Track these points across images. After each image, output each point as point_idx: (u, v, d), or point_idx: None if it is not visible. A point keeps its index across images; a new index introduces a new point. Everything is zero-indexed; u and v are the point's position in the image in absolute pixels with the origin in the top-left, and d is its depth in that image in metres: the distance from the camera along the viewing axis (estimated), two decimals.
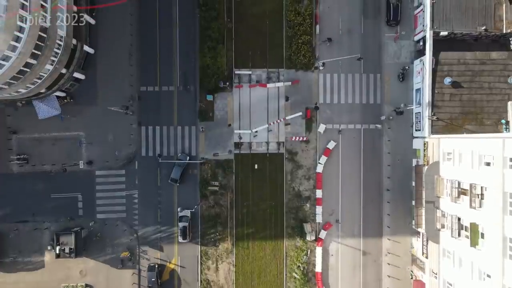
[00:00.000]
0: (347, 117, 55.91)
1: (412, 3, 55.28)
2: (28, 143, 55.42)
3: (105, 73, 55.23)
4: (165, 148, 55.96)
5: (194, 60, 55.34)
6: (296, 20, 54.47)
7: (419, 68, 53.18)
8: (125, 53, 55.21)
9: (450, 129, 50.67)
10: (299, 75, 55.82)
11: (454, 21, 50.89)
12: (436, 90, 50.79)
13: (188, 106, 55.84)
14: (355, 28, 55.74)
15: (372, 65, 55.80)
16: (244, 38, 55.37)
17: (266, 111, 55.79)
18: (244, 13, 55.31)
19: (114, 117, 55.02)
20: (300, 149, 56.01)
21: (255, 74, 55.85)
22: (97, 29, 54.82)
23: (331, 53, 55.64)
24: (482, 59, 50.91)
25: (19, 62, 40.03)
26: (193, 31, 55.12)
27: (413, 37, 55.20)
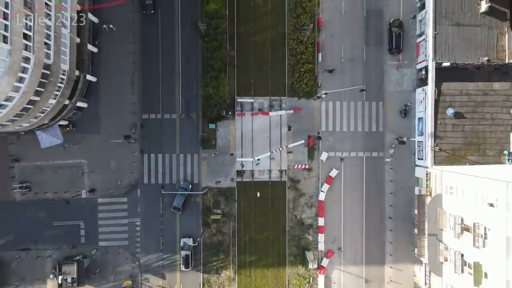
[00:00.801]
0: (349, 145, 55.93)
1: (414, 31, 55.33)
2: (30, 171, 55.43)
3: (108, 101, 55.28)
4: (167, 176, 55.95)
5: (196, 88, 55.39)
6: (298, 49, 54.51)
7: (421, 97, 53.20)
8: (127, 81, 55.26)
9: (452, 159, 50.69)
10: (301, 103, 55.83)
11: (457, 52, 50.92)
12: (438, 120, 50.81)
13: (190, 134, 55.84)
14: (358, 56, 55.78)
15: (374, 93, 55.82)
16: (246, 66, 55.46)
17: (269, 139, 55.79)
18: (246, 42, 55.38)
19: (116, 145, 55.05)
20: (303, 177, 56.01)
21: (257, 102, 55.88)
22: (99, 57, 54.88)
23: (333, 81, 55.67)
24: (484, 90, 50.94)
25: (22, 101, 40.05)
26: (195, 60, 55.16)
27: (415, 65, 55.23)
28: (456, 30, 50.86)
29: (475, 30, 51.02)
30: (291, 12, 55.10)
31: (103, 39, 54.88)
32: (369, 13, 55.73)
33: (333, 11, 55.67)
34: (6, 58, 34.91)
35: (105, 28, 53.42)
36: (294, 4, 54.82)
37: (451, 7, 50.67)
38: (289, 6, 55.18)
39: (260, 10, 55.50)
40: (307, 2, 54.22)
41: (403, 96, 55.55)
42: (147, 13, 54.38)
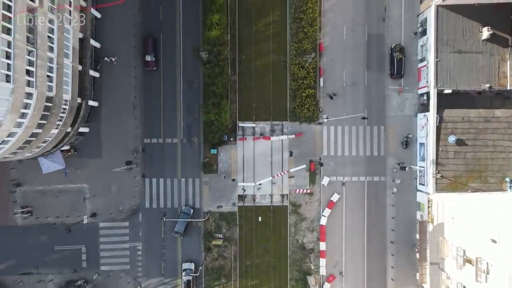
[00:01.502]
0: (350, 170, 55.92)
1: (416, 56, 55.36)
2: (32, 196, 55.47)
3: (109, 126, 55.31)
4: (169, 200, 55.98)
5: (197, 113, 55.45)
6: (300, 74, 54.55)
7: (423, 123, 53.23)
8: (129, 105, 55.30)
9: (454, 186, 50.69)
10: (303, 128, 55.86)
11: (458, 79, 50.97)
12: (440, 147, 50.82)
13: (192, 158, 55.87)
14: (359, 81, 55.81)
15: (375, 118, 55.84)
16: (248, 91, 55.55)
17: (270, 163, 55.81)
18: (248, 66, 55.48)
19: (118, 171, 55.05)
20: (304, 201, 56.02)
21: (258, 127, 55.92)
22: (101, 82, 54.95)
23: (334, 106, 55.71)
24: (486, 117, 50.98)
25: (24, 135, 40.08)
26: (196, 85, 55.27)
27: (417, 90, 55.27)
28: (458, 57, 50.89)
29: (477, 57, 51.07)
30: (292, 37, 55.17)
31: (105, 65, 55.04)
32: (371, 37, 55.79)
33: (335, 36, 55.75)
34: (9, 97, 34.94)
35: (107, 60, 53.69)
36: (296, 29, 54.88)
37: (452, 35, 50.71)
38: (291, 31, 55.25)
39: (262, 35, 55.59)
40: (308, 28, 54.26)
41: (405, 121, 55.59)
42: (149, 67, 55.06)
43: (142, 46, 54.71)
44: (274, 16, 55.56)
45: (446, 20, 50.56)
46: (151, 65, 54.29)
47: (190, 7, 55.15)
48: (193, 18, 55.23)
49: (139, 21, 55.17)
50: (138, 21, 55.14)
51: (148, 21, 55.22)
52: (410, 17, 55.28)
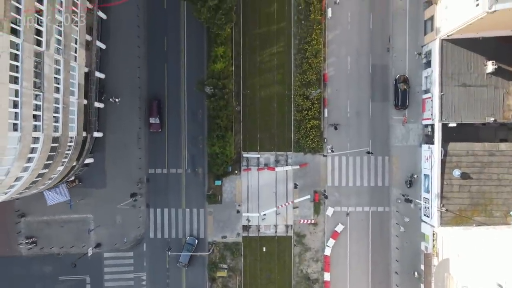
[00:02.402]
0: (355, 200, 55.94)
1: (420, 86, 55.41)
2: (36, 226, 55.58)
3: (114, 156, 55.43)
4: (173, 230, 56.03)
5: (202, 144, 55.54)
6: (304, 105, 54.60)
7: (427, 154, 53.23)
8: (134, 136, 55.39)
9: (459, 220, 50.66)
10: (307, 158, 55.89)
11: (463, 113, 50.97)
12: (445, 181, 50.81)
13: (196, 188, 55.93)
14: (363, 111, 55.85)
15: (380, 148, 55.86)
16: (252, 121, 55.64)
17: (275, 194, 55.84)
18: (252, 97, 55.57)
19: (123, 199, 55.03)
20: (308, 231, 56.04)
21: (263, 157, 55.97)
22: (105, 112, 55.03)
23: (339, 136, 55.75)
24: (491, 151, 50.97)
25: (31, 177, 40.14)
26: (201, 116, 55.38)
27: (421, 121, 55.29)
28: (463, 90, 50.93)
29: (481, 90, 51.08)
30: (297, 68, 55.25)
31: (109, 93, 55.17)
32: (375, 67, 55.85)
33: (339, 66, 55.81)
34: (16, 145, 35.00)
35: (111, 101, 53.91)
36: (300, 60, 54.96)
37: (457, 68, 50.75)
38: (295, 62, 55.34)
39: (266, 65, 55.69)
40: (313, 58, 54.33)
41: (409, 151, 55.58)
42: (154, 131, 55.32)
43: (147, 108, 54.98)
44: (279, 47, 55.67)
45: (450, 54, 50.61)
46: (155, 127, 54.55)
47: (194, 38, 55.30)
48: (198, 49, 55.40)
49: (144, 52, 55.34)
50: (143, 52, 55.31)
51: (152, 51, 55.34)
52: (415, 48, 55.31)
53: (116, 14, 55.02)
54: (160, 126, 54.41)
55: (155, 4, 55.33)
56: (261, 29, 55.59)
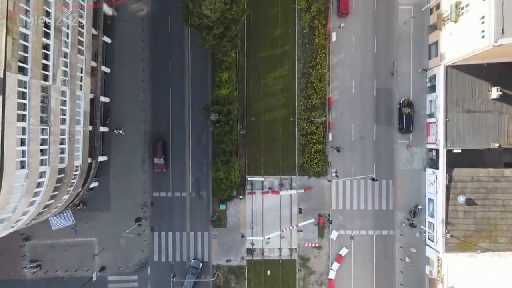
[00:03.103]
0: (359, 223, 55.95)
1: (425, 110, 55.44)
2: (41, 249, 55.60)
3: (118, 179, 55.45)
4: (178, 254, 56.03)
5: (206, 167, 55.59)
6: (309, 129, 54.65)
7: (432, 179, 53.26)
8: (138, 159, 55.42)
9: (464, 246, 50.65)
10: (311, 182, 55.91)
11: (468, 138, 51.01)
12: (450, 207, 50.82)
13: (201, 212, 55.96)
14: (368, 134, 55.90)
15: (384, 171, 55.88)
16: (257, 145, 55.71)
17: (279, 217, 55.86)
18: (257, 121, 55.61)
19: (127, 223, 55.12)
20: (313, 255, 56.05)
21: (267, 181, 56.00)
22: (110, 135, 55.09)
23: (343, 159, 55.81)
24: (495, 177, 50.97)
25: (37, 210, 40.17)
26: (205, 139, 55.47)
27: (425, 144, 55.32)
28: (467, 116, 50.97)
29: (486, 116, 51.13)
30: (301, 92, 55.34)
31: (113, 120, 55.28)
32: (379, 91, 55.91)
33: (343, 90, 55.88)
34: (24, 182, 35.04)
35: (115, 133, 54.15)
36: (305, 84, 55.06)
37: (462, 94, 50.80)
38: (300, 85, 55.42)
39: (271, 89, 55.78)
40: (317, 82, 54.44)
41: (413, 175, 55.60)
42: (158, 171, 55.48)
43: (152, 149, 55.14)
44: (283, 70, 55.76)
45: (455, 80, 50.67)
46: (160, 167, 54.59)
47: (199, 61, 55.37)
48: (202, 72, 55.47)
49: (148, 75, 55.42)
50: (147, 75, 55.40)
51: (156, 74, 55.40)
52: (419, 71, 55.38)
53: (121, 38, 55.16)
54: (165, 167, 54.58)
55: (159, 28, 55.45)
56: (265, 53, 55.70)
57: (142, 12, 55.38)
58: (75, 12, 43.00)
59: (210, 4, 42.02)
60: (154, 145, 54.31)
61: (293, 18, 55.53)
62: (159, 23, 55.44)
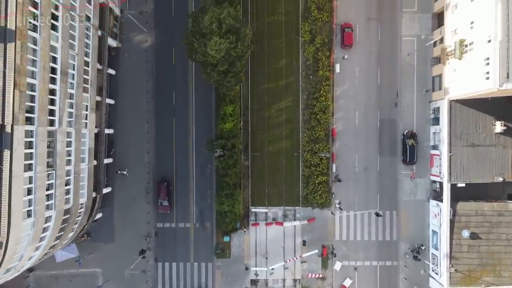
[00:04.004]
0: (363, 254, 55.97)
1: (428, 141, 55.52)
2: (45, 280, 55.65)
3: (122, 210, 55.58)
4: (182, 284, 56.06)
5: (210, 198, 55.68)
6: (313, 161, 54.72)
7: (436, 211, 53.31)
8: (142, 191, 55.53)
9: (468, 281, 50.65)
10: (315, 213, 55.98)
11: (472, 173, 51.05)
12: (454, 241, 50.82)
13: (205, 242, 56.01)
14: (372, 165, 55.96)
15: (388, 202, 55.95)
16: (260, 176, 55.81)
17: (283, 248, 55.89)
18: (261, 152, 55.70)
19: (131, 254, 55.20)
20: (316, 286, 56.08)
21: (271, 212, 56.08)
22: (114, 167, 55.20)
23: (347, 190, 55.90)
24: (499, 211, 51.02)
25: (43, 252, 40.23)
26: (209, 170, 55.62)
27: (429, 175, 55.37)
28: (471, 150, 51.02)
29: (490, 150, 51.19)
30: (305, 123, 55.45)
31: (118, 148, 55.43)
32: (383, 122, 56.02)
33: (347, 121, 56.03)
34: (30, 231, 35.12)
35: (119, 173, 54.29)
36: (309, 116, 55.17)
37: (466, 129, 50.86)
38: (303, 117, 55.54)
39: (274, 120, 55.90)
40: (321, 114, 54.52)
41: (417, 206, 55.68)
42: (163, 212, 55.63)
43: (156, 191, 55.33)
44: (287, 102, 55.90)
45: (459, 114, 50.72)
46: (164, 209, 54.75)
47: (203, 93, 55.51)
48: (206, 103, 55.62)
49: (152, 107, 55.62)
50: (151, 107, 55.59)
51: (160, 106, 55.56)
52: (422, 103, 55.52)
53: (125, 69, 55.38)
54: (169, 208, 54.71)
55: (164, 59, 55.60)
56: (269, 84, 55.86)
57: (146, 43, 55.57)
58: (81, 51, 43.15)
59: (215, 44, 42.14)
60: (158, 187, 54.35)
61: (297, 49, 55.69)
62: (163, 54, 55.62)
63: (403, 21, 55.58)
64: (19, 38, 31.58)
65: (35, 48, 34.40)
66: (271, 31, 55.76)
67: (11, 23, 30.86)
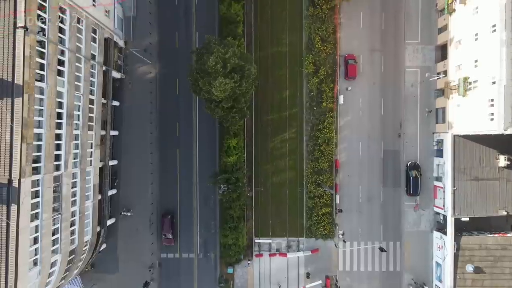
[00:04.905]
0: (366, 285, 55.94)
1: (432, 172, 55.57)
2: None
3: (126, 241, 55.61)
4: None
5: (214, 229, 55.73)
6: (316, 192, 54.77)
7: (439, 244, 53.31)
8: (146, 221, 55.58)
9: None
10: (318, 244, 56.01)
11: (475, 206, 51.08)
12: (458, 275, 50.85)
13: (208, 273, 56.04)
14: (375, 196, 56.01)
15: (391, 233, 55.98)
16: (264, 207, 55.87)
17: (286, 279, 55.90)
18: (264, 183, 55.78)
19: (135, 285, 55.11)
20: None
21: (275, 243, 56.12)
22: (118, 197, 55.29)
23: (351, 221, 55.90)
24: (503, 244, 51.05)
25: None
26: (212, 201, 55.66)
27: (433, 207, 55.41)
28: (475, 184, 51.06)
29: (494, 184, 51.22)
30: (309, 154, 55.50)
31: (122, 179, 55.54)
32: (386, 153, 56.07)
33: (351, 152, 56.05)
34: (36, 279, 35.17)
35: (123, 214, 54.55)
36: (312, 147, 55.22)
37: (469, 163, 50.91)
38: (307, 148, 55.60)
39: (278, 151, 55.96)
40: (325, 146, 54.58)
41: (421, 237, 55.68)
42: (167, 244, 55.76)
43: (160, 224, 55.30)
44: (291, 133, 55.99)
45: (463, 149, 50.77)
46: (168, 241, 54.87)
47: (206, 124, 55.58)
48: (210, 134, 55.74)
49: (156, 137, 55.67)
50: (155, 137, 55.68)
51: (164, 137, 55.65)
52: (426, 134, 55.61)
53: (129, 100, 55.52)
54: (173, 241, 54.82)
55: (167, 90, 55.73)
56: (273, 115, 55.97)
57: (150, 74, 55.71)
58: (86, 91, 43.26)
59: (220, 85, 42.23)
60: (162, 221, 54.40)
61: (300, 80, 55.84)
62: (167, 85, 55.77)
63: (407, 53, 55.75)
64: (26, 92, 31.68)
65: (42, 98, 34.50)
66: (275, 62, 55.94)
67: (19, 78, 30.91)
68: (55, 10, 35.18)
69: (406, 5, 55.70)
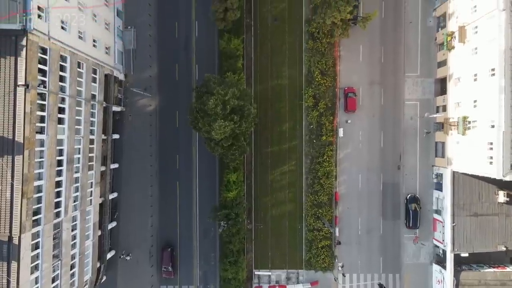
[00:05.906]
0: None
1: (431, 205, 55.68)
2: None
3: (126, 274, 55.69)
4: None
5: (214, 261, 55.83)
6: (316, 225, 54.87)
7: (439, 278, 53.44)
8: (146, 254, 55.65)
9: None
10: (318, 276, 56.09)
11: (474, 242, 51.19)
12: None
13: None
14: (374, 228, 56.11)
15: (391, 265, 56.09)
16: (264, 239, 55.96)
17: None
18: (264, 215, 55.91)
19: None
20: None
21: (274, 275, 56.20)
22: (117, 231, 55.37)
23: (350, 253, 56.00)
24: (502, 280, 51.18)
25: None
26: (212, 233, 55.77)
27: (432, 239, 55.50)
28: (474, 220, 51.18)
29: (493, 219, 51.34)
30: (308, 187, 55.60)
31: (122, 211, 55.63)
32: (386, 186, 56.18)
33: (350, 184, 56.17)
34: None
35: (122, 257, 54.65)
36: (312, 180, 55.33)
37: (469, 199, 51.04)
38: (307, 181, 55.72)
39: (278, 184, 56.08)
40: (324, 179, 54.69)
41: (420, 269, 55.81)
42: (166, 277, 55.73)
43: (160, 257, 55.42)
44: (290, 165, 56.10)
45: (462, 184, 50.91)
46: (168, 274, 54.82)
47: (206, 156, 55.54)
48: (209, 166, 55.85)
49: (156, 170, 55.79)
50: (155, 170, 55.78)
51: (164, 169, 55.76)
52: (426, 166, 55.71)
53: (129, 133, 55.63)
54: (173, 274, 54.77)
55: (167, 123, 55.87)
56: (273, 148, 56.08)
57: (150, 107, 55.84)
58: (87, 132, 43.35)
59: (219, 128, 42.35)
60: (162, 254, 54.48)
61: (300, 114, 55.99)
62: (167, 118, 55.90)
63: (406, 85, 55.91)
64: (27, 147, 31.76)
65: (42, 149, 34.59)
66: (274, 95, 56.11)
67: (19, 136, 31.00)
68: (56, 61, 35.28)
69: (406, 39, 55.86)
